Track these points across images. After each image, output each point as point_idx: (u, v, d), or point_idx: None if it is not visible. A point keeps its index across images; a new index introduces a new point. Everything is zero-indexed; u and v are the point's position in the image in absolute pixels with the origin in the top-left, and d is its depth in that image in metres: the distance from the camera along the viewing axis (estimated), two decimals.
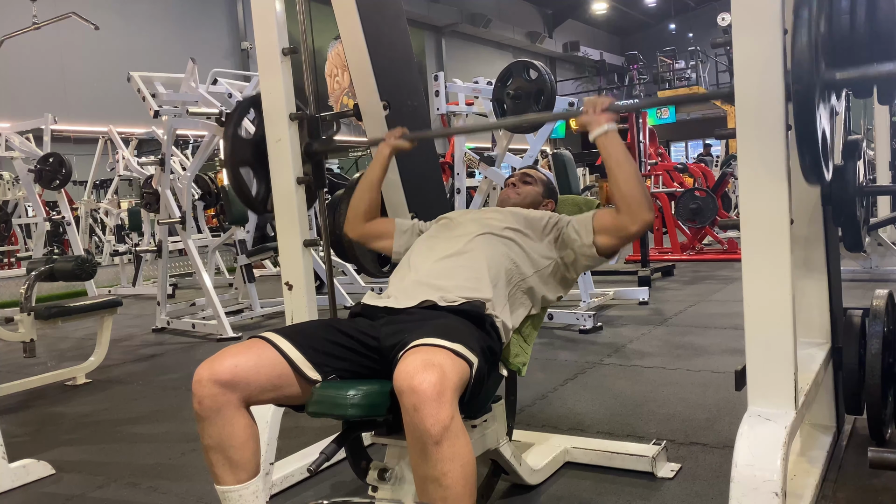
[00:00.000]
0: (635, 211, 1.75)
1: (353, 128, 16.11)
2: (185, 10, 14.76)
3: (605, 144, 1.77)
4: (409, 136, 2.10)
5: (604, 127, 1.76)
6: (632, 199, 1.74)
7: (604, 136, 1.77)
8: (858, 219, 2.10)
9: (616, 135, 1.77)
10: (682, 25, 25.92)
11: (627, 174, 1.75)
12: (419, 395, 1.31)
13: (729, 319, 4.42)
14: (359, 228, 2.14)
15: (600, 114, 1.77)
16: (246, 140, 2.30)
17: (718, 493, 2.00)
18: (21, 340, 3.50)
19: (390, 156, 2.12)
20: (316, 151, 2.23)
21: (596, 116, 1.77)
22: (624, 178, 1.75)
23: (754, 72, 1.47)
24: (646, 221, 1.76)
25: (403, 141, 2.09)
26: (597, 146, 1.79)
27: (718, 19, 15.36)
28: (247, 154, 2.28)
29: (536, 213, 1.99)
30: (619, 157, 1.76)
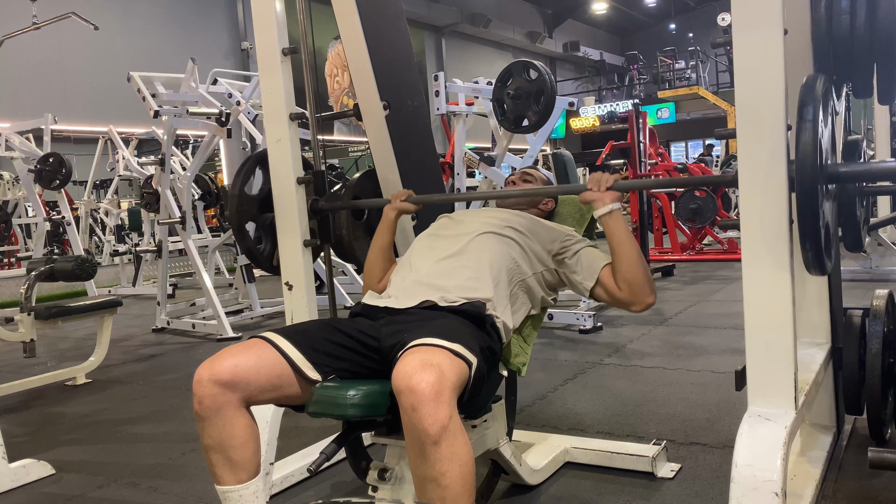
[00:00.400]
0: (637, 294, 1.77)
1: (353, 128, 16.12)
2: (185, 10, 14.77)
3: (609, 223, 1.79)
4: (414, 199, 2.09)
5: (608, 207, 1.77)
6: (634, 283, 1.77)
7: (608, 215, 1.78)
8: (858, 219, 2.10)
9: (620, 214, 1.79)
10: (682, 25, 25.92)
11: (630, 256, 1.77)
12: (417, 394, 1.31)
13: (729, 319, 4.43)
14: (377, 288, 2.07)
15: (605, 192, 1.78)
16: (251, 197, 2.30)
17: (718, 493, 2.00)
18: (21, 340, 3.49)
19: (396, 219, 2.09)
20: (322, 209, 2.24)
21: (601, 195, 1.78)
22: (627, 261, 1.77)
23: (755, 72, 1.47)
24: (647, 305, 1.79)
25: (408, 204, 2.08)
26: (601, 225, 1.81)
27: (718, 19, 15.39)
28: (252, 211, 2.29)
29: (547, 225, 1.98)
30: (621, 238, 1.78)
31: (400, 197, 2.08)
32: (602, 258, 1.86)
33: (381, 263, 2.07)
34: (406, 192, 2.09)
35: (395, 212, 2.08)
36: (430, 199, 2.23)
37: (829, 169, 1.45)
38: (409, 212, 2.11)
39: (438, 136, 12.22)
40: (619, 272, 1.78)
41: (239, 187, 2.25)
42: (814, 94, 1.38)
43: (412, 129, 2.50)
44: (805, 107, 1.37)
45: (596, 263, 1.85)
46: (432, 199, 2.28)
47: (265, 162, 2.25)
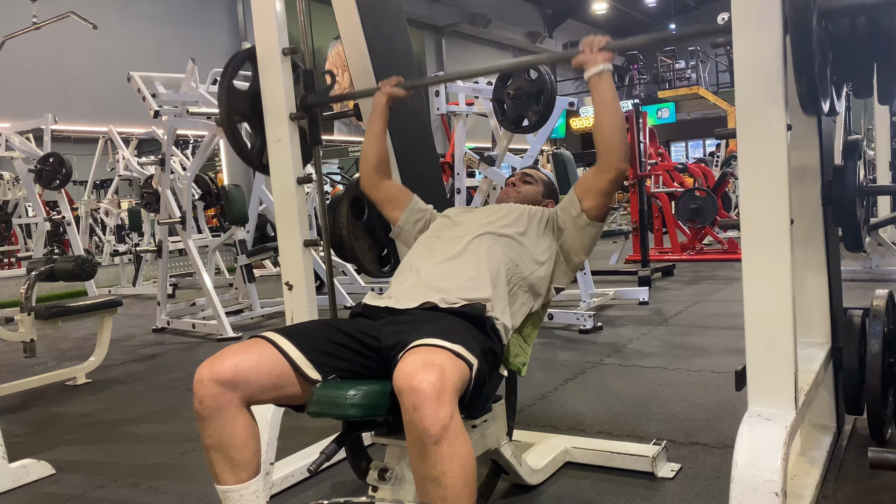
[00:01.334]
0: (611, 157, 1.79)
1: (354, 128, 16.11)
2: (185, 10, 14.75)
3: (597, 84, 1.78)
4: (404, 84, 2.10)
5: (599, 66, 1.77)
6: (610, 145, 1.79)
7: (598, 76, 1.77)
8: (858, 219, 2.10)
9: (610, 76, 1.78)
10: (682, 25, 25.89)
11: (612, 121, 1.78)
12: (419, 394, 1.31)
13: (729, 319, 4.42)
14: (374, 182, 2.14)
15: (597, 52, 1.77)
16: (242, 93, 2.27)
17: (718, 493, 2.00)
18: (21, 340, 3.49)
19: (387, 104, 2.11)
20: (311, 104, 2.22)
21: (593, 55, 1.77)
22: (608, 122, 1.78)
23: (755, 72, 1.47)
24: (620, 170, 1.81)
25: (398, 89, 2.08)
26: (589, 85, 1.80)
27: (718, 19, 15.35)
28: (243, 106, 2.25)
29: (532, 209, 2.01)
30: (607, 101, 1.78)
31: (390, 83, 2.09)
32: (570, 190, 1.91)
33: (375, 148, 2.12)
34: (396, 79, 2.10)
35: (386, 97, 2.09)
36: (420, 83, 2.23)
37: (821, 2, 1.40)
38: (400, 96, 2.11)
39: (438, 136, 12.22)
40: (600, 136, 1.80)
41: (228, 80, 2.20)
42: None
43: (412, 129, 2.50)
44: None
45: (568, 196, 1.91)
46: (422, 83, 2.28)
47: (254, 59, 2.21)
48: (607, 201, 1.89)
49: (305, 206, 2.23)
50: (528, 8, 23.49)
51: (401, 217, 2.12)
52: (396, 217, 2.13)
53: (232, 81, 2.23)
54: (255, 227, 6.05)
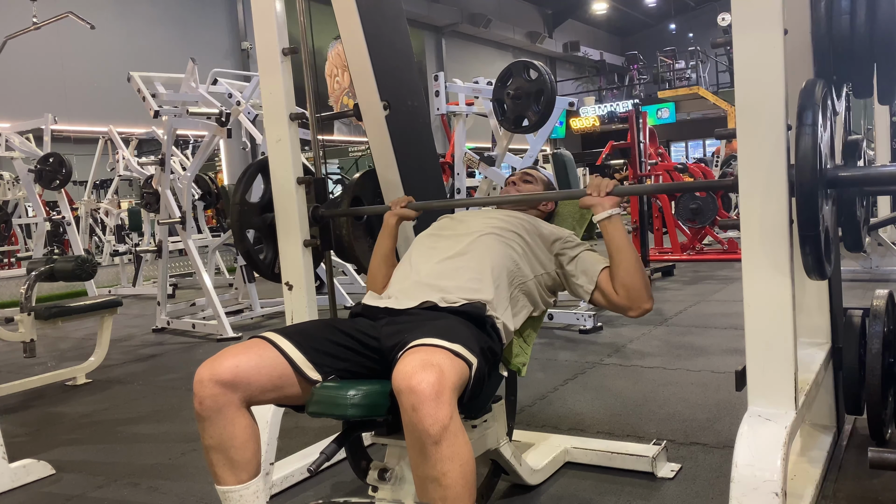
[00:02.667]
0: (634, 299, 1.79)
1: (353, 128, 16.12)
2: (185, 10, 14.75)
3: (607, 229, 1.80)
4: (414, 205, 2.09)
5: (608, 212, 1.78)
6: (632, 288, 1.78)
7: (607, 220, 1.79)
8: (858, 219, 2.10)
9: (619, 220, 1.80)
10: (682, 25, 25.90)
11: (628, 262, 1.78)
12: (418, 394, 1.31)
13: (729, 319, 4.42)
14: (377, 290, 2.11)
15: (604, 197, 1.79)
16: (253, 204, 2.30)
17: (718, 493, 2.00)
18: (21, 340, 3.50)
19: (397, 225, 2.09)
20: (323, 216, 2.24)
21: (600, 200, 1.79)
22: (625, 267, 1.78)
23: (755, 72, 1.47)
24: (644, 311, 1.80)
25: (409, 210, 2.07)
26: (600, 229, 1.82)
27: (719, 19, 15.37)
28: (254, 218, 2.29)
29: (547, 227, 1.99)
30: (620, 244, 1.79)
31: (400, 203, 2.08)
32: (600, 262, 1.86)
33: (384, 270, 2.05)
34: (406, 199, 2.10)
35: (396, 218, 2.08)
36: (429, 206, 2.22)
37: (829, 174, 1.45)
38: (410, 218, 2.11)
39: (438, 136, 12.21)
40: (618, 277, 1.79)
41: (240, 195, 2.25)
42: (813, 99, 1.38)
43: (412, 129, 2.50)
44: (804, 111, 1.37)
45: (594, 268, 1.86)
46: (432, 206, 2.27)
47: (266, 169, 2.25)
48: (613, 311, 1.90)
49: (305, 206, 2.23)
50: (528, 8, 23.49)
51: None
52: None
53: (245, 196, 2.26)
54: None
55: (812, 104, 1.37)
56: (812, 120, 1.36)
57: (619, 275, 1.79)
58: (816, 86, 1.41)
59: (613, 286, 1.81)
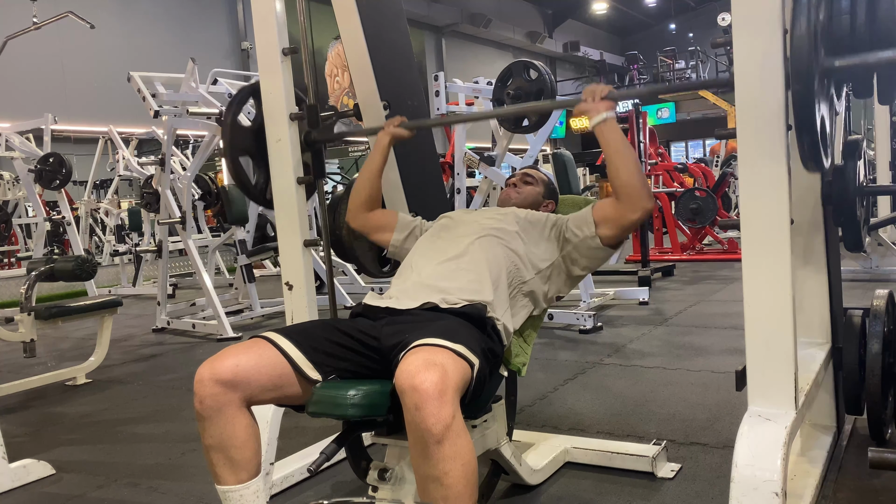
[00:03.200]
0: (635, 199, 1.76)
1: (354, 127, 16.11)
2: (185, 10, 14.76)
3: (603, 132, 1.78)
4: (407, 124, 2.11)
5: (602, 115, 1.77)
6: (631, 188, 1.76)
7: (603, 123, 1.78)
8: (858, 219, 2.10)
9: (615, 122, 1.79)
10: (682, 25, 25.92)
11: (627, 163, 1.76)
12: (421, 394, 1.31)
13: (729, 319, 4.42)
14: (360, 218, 2.16)
15: (599, 102, 1.78)
16: (245, 129, 2.28)
17: (718, 493, 2.00)
18: (21, 340, 3.49)
19: (389, 144, 2.12)
20: (315, 140, 2.23)
21: (595, 105, 1.79)
22: (624, 167, 1.76)
23: (754, 72, 1.47)
24: (646, 209, 1.78)
25: (402, 129, 2.10)
26: (595, 134, 1.80)
27: (718, 19, 15.37)
28: (246, 143, 2.27)
29: (537, 215, 2.00)
30: (617, 146, 1.77)
31: (394, 122, 2.11)
32: (587, 208, 1.88)
33: (368, 186, 2.12)
34: (399, 118, 2.12)
35: (389, 137, 2.11)
36: (423, 124, 2.25)
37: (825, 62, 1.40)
38: (403, 137, 2.13)
39: (438, 136, 12.21)
40: (617, 179, 1.77)
41: (231, 117, 2.23)
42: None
43: None
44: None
45: (584, 214, 1.87)
46: (425, 124, 2.29)
47: (258, 94, 2.23)
48: (626, 235, 1.88)
49: (305, 206, 2.23)
50: (528, 8, 23.50)
51: (392, 238, 2.12)
52: (387, 240, 2.13)
53: (236, 118, 2.25)
54: (255, 227, 6.05)
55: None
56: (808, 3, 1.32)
57: (620, 176, 1.76)
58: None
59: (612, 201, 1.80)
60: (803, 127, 1.38)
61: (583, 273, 1.96)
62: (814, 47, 1.33)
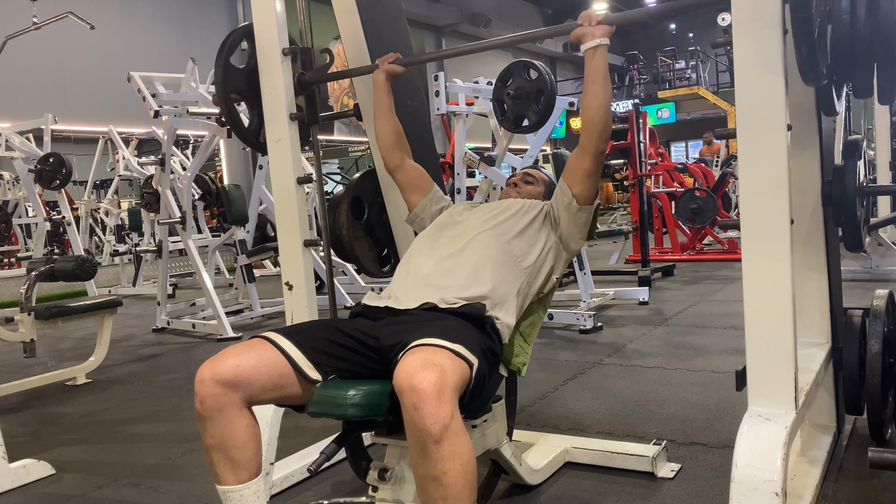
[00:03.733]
0: (592, 137, 1.82)
1: (354, 128, 16.12)
2: (185, 10, 14.76)
3: (592, 58, 1.80)
4: (401, 61, 2.11)
5: (597, 41, 1.78)
6: (594, 122, 1.81)
7: (594, 49, 1.79)
8: (858, 219, 2.10)
9: (605, 52, 1.80)
10: (682, 25, 25.92)
11: (600, 96, 1.80)
12: (419, 393, 1.31)
13: (729, 319, 4.42)
14: (397, 160, 2.16)
15: (595, 26, 1.79)
16: (238, 69, 2.26)
17: (718, 493, 2.00)
18: (21, 340, 3.49)
19: (386, 81, 2.13)
20: (308, 82, 2.22)
21: (591, 28, 1.79)
22: (595, 100, 1.80)
23: (754, 72, 1.47)
24: (600, 150, 1.84)
25: (396, 66, 2.10)
26: (585, 59, 1.81)
27: (719, 19, 15.37)
28: (239, 83, 2.25)
29: (531, 202, 2.02)
30: (598, 75, 1.80)
31: (388, 59, 2.12)
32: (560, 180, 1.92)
33: (388, 124, 2.14)
34: (394, 55, 2.13)
35: (385, 74, 2.12)
36: (417, 60, 2.24)
37: None
38: (398, 73, 2.13)
39: (438, 136, 12.21)
40: (586, 112, 1.82)
41: (224, 57, 2.21)
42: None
43: (412, 129, 2.50)
44: None
45: (559, 185, 1.92)
46: (419, 59, 2.29)
47: (251, 36, 2.22)
48: (594, 183, 1.91)
49: (305, 206, 2.23)
50: (528, 8, 23.51)
51: (419, 203, 2.13)
52: (416, 202, 2.14)
53: (229, 59, 2.23)
54: (255, 227, 6.05)
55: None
56: None
57: (589, 108, 1.81)
58: None
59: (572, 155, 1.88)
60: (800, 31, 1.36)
61: (577, 247, 1.98)
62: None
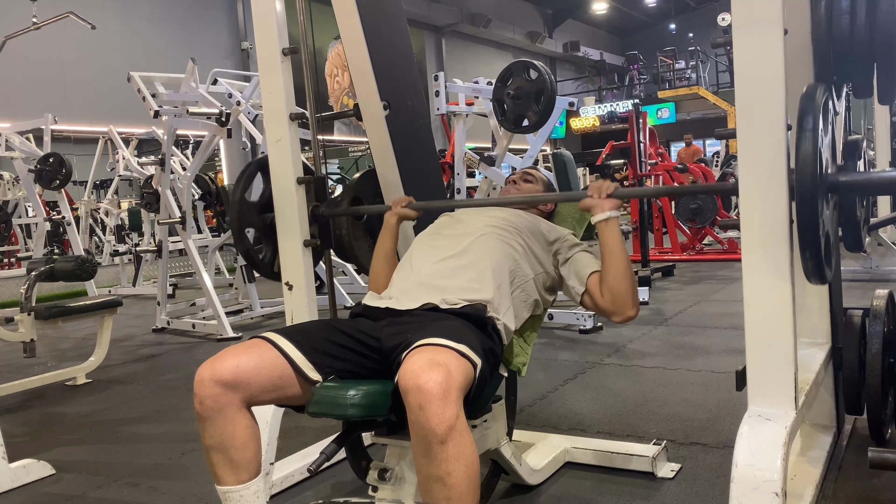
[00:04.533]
0: (619, 306, 1.79)
1: (354, 128, 16.11)
2: (185, 10, 14.75)
3: (603, 231, 1.79)
4: (415, 205, 2.09)
5: (606, 214, 1.78)
6: (618, 293, 1.78)
7: (604, 223, 1.78)
8: (858, 219, 2.10)
9: (616, 224, 1.80)
10: (682, 25, 25.91)
11: (618, 267, 1.78)
12: (425, 393, 1.31)
13: (729, 319, 4.42)
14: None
15: (605, 199, 1.78)
16: (251, 203, 2.29)
17: (718, 493, 2.00)
18: (21, 340, 3.49)
19: (398, 224, 2.09)
20: (323, 215, 2.24)
21: (600, 201, 1.79)
22: (615, 271, 1.78)
23: (755, 72, 1.47)
24: (629, 318, 1.80)
25: (409, 210, 2.07)
26: (597, 231, 1.81)
27: (719, 19, 15.39)
28: (253, 218, 2.28)
29: (547, 225, 2.00)
30: (614, 247, 1.79)
31: (401, 203, 2.08)
32: (592, 265, 1.87)
33: (386, 270, 2.04)
34: (407, 199, 2.10)
35: (396, 217, 2.08)
36: (430, 206, 2.22)
37: (829, 178, 1.44)
38: (410, 218, 2.11)
39: (438, 136, 12.21)
40: (606, 281, 1.79)
41: (240, 194, 2.25)
42: (813, 104, 1.37)
43: (412, 129, 2.50)
44: (805, 116, 1.36)
45: (585, 270, 1.87)
46: (432, 206, 2.27)
47: (266, 168, 2.25)
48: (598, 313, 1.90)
49: (305, 205, 2.23)
50: (528, 8, 23.50)
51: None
52: None
53: (244, 196, 2.25)
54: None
55: (813, 109, 1.37)
56: (813, 125, 1.35)
57: (608, 279, 1.79)
58: (817, 90, 1.41)
59: (601, 290, 1.81)
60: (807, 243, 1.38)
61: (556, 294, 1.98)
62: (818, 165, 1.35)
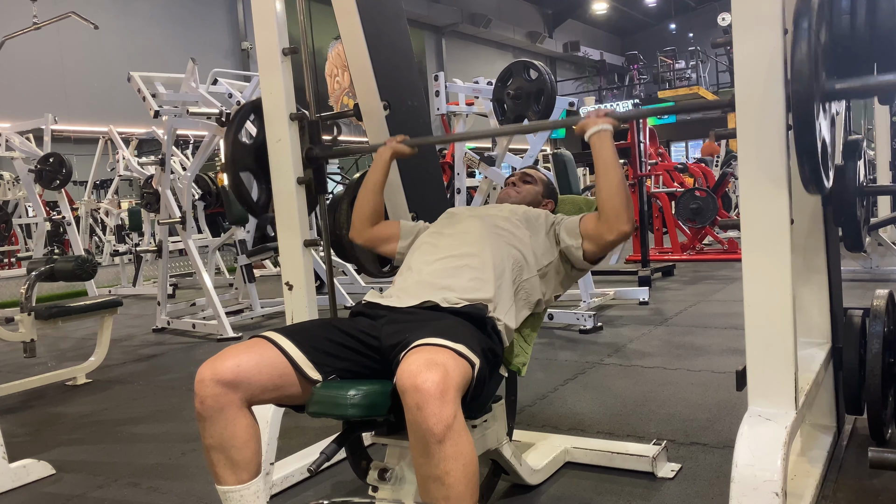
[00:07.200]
0: (613, 221, 1.77)
1: (354, 128, 16.12)
2: (185, 10, 14.77)
3: (596, 144, 1.78)
4: (409, 141, 2.11)
5: (599, 125, 1.77)
6: (611, 208, 1.77)
7: (597, 134, 1.78)
8: (859, 219, 2.11)
9: (609, 136, 1.78)
10: (682, 25, 25.92)
11: (612, 181, 1.77)
12: (422, 393, 1.31)
13: (729, 319, 4.42)
14: (365, 233, 2.14)
15: (600, 117, 1.79)
16: (247, 145, 2.30)
17: (718, 493, 2.00)
18: (21, 340, 3.49)
19: (391, 159, 2.12)
20: (317, 157, 2.23)
21: (594, 118, 1.79)
22: (608, 185, 1.77)
23: (755, 72, 1.47)
24: (623, 232, 1.78)
25: (404, 146, 2.10)
26: (590, 146, 1.80)
27: (719, 19, 15.39)
28: (248, 159, 2.28)
29: (534, 211, 2.01)
30: (607, 160, 1.77)
31: (396, 139, 2.12)
32: (577, 217, 1.89)
33: (370, 200, 2.11)
34: (402, 136, 2.13)
35: (390, 152, 2.11)
36: (424, 141, 2.26)
37: (826, 85, 1.42)
38: (404, 154, 2.13)
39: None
40: (599, 195, 1.78)
41: (233, 135, 2.23)
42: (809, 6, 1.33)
43: (412, 130, 2.50)
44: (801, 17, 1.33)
45: (573, 222, 1.89)
46: (427, 141, 2.30)
47: (259, 111, 2.23)
48: (605, 252, 1.89)
49: (305, 206, 2.23)
50: (528, 8, 23.51)
51: (397, 246, 2.11)
52: (393, 250, 2.12)
53: (237, 136, 2.25)
54: (255, 227, 6.06)
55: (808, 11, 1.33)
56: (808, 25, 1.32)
57: (601, 193, 1.78)
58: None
59: (595, 221, 1.81)
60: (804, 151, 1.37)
61: (575, 277, 1.97)
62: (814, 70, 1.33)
